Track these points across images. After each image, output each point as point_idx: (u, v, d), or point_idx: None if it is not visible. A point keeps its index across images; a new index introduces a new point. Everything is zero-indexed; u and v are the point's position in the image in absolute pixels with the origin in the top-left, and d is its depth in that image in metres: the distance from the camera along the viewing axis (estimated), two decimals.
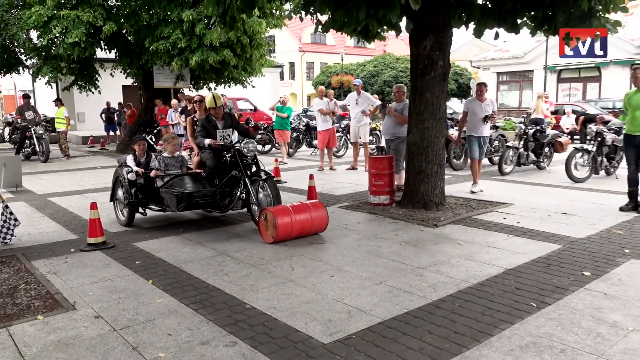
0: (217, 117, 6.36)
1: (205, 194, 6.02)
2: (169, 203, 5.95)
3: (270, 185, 5.85)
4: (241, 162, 5.94)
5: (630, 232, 5.63)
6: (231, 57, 14.39)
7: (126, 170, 6.20)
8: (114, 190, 6.53)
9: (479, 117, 8.11)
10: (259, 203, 5.90)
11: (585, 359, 2.90)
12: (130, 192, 6.08)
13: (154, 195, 6.17)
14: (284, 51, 48.32)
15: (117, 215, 6.52)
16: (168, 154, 6.45)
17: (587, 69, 27.98)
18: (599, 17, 6.18)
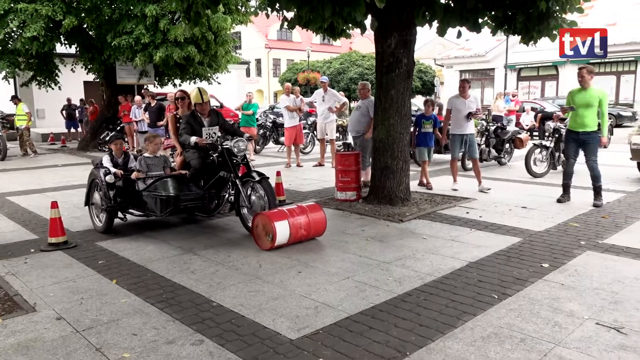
0: (203, 114, 5.96)
1: (193, 197, 5.64)
2: (153, 207, 5.54)
3: (266, 187, 5.46)
4: (231, 162, 5.59)
5: (586, 224, 5.86)
6: (196, 53, 14.21)
7: (103, 172, 5.72)
8: (89, 194, 6.03)
9: (463, 115, 7.98)
10: (251, 206, 5.54)
11: (543, 347, 3.02)
12: (108, 196, 5.59)
13: (135, 199, 5.75)
14: (250, 48, 47.96)
15: (94, 221, 6.01)
16: (150, 154, 5.98)
17: (546, 68, 28.89)
18: (556, 18, 6.38)
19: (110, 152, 6.14)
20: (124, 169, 5.96)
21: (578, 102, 6.79)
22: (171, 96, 12.80)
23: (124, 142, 6.22)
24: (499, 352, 2.96)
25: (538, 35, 6.57)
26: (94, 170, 5.97)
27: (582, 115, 6.77)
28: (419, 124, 8.41)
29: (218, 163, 5.74)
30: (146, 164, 5.86)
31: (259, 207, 5.48)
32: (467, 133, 8.07)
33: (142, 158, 5.93)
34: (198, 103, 5.92)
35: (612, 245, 5.04)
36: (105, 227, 5.79)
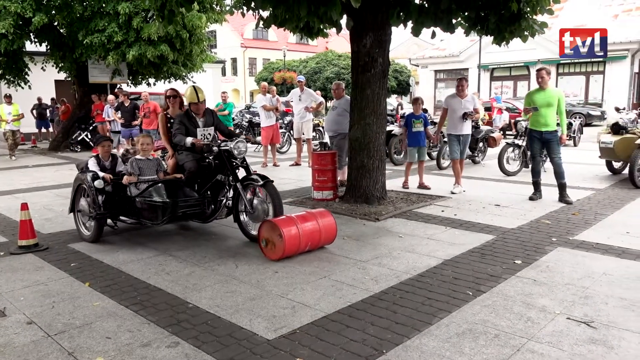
0: (198, 114, 5.59)
1: (192, 203, 5.27)
2: (149, 215, 5.14)
3: (272, 192, 5.10)
4: (230, 165, 5.26)
5: (557, 221, 6.00)
6: (170, 52, 14.05)
7: (91, 177, 5.25)
8: (75, 201, 5.61)
9: (458, 115, 7.74)
10: (253, 212, 5.18)
11: (516, 342, 3.08)
12: (97, 203, 5.16)
13: (127, 206, 5.32)
14: (225, 47, 47.59)
15: (80, 230, 5.56)
16: (141, 156, 5.47)
17: (517, 68, 29.46)
18: (527, 19, 6.51)
19: (96, 155, 5.68)
20: (112, 173, 5.49)
21: (539, 102, 7.02)
22: (145, 95, 12.69)
23: (111, 144, 5.79)
24: (473, 348, 3.01)
25: (510, 36, 6.70)
26: (80, 175, 5.52)
27: (544, 115, 7.00)
28: (409, 124, 8.21)
29: (215, 166, 5.40)
30: (138, 167, 5.37)
31: (261, 213, 5.13)
32: (463, 133, 7.83)
33: (134, 160, 5.42)
34: (193, 102, 5.55)
35: (582, 241, 5.17)
36: (94, 236, 5.36)
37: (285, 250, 4.57)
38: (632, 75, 26.16)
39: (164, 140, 5.87)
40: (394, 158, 11.16)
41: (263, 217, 5.07)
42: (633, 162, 8.01)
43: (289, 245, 4.57)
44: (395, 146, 11.24)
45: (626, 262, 4.52)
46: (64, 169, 11.59)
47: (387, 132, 9.14)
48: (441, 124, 8.28)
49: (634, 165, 7.99)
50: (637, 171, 8.00)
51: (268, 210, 5.13)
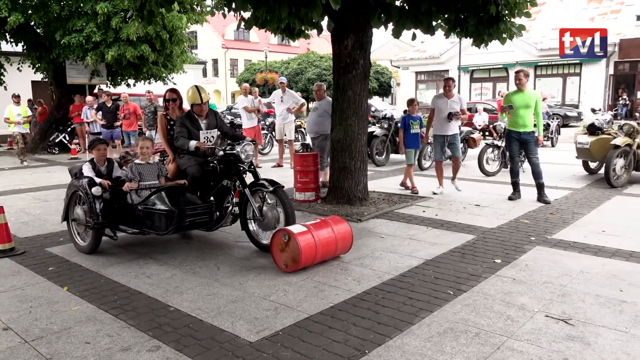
0: (201, 115, 5.32)
1: (201, 211, 4.92)
2: (153, 224, 4.76)
3: (283, 198, 4.81)
4: (237, 170, 4.96)
5: (536, 221, 6.10)
6: (150, 52, 13.90)
7: (87, 183, 4.90)
8: (69, 209, 5.22)
9: (444, 115, 7.66)
10: (263, 219, 4.90)
11: (496, 340, 3.12)
12: (95, 211, 4.79)
13: (127, 214, 4.95)
14: (206, 47, 47.24)
15: (75, 240, 5.18)
16: (141, 161, 5.11)
17: (497, 70, 29.89)
18: (505, 22, 6.62)
19: (91, 160, 5.29)
20: (109, 179, 5.10)
21: (517, 103, 7.15)
22: (125, 96, 12.54)
23: (107, 147, 5.44)
24: (454, 347, 3.04)
25: (489, 38, 6.80)
26: (75, 181, 5.14)
27: (522, 116, 7.14)
28: (406, 125, 8.06)
29: (220, 170, 5.09)
30: (138, 172, 5.00)
31: (272, 221, 4.87)
32: (449, 134, 7.74)
33: (133, 165, 5.05)
34: (196, 103, 5.26)
35: (560, 240, 5.26)
36: (91, 247, 4.98)
37: (301, 261, 4.27)
38: (607, 77, 26.75)
39: (164, 143, 5.55)
40: (376, 159, 11.22)
41: (274, 225, 4.84)
42: (608, 162, 8.18)
43: (305, 257, 4.28)
44: (377, 147, 11.30)
45: (602, 260, 4.62)
46: (40, 172, 11.38)
47: (369, 133, 9.19)
48: (429, 125, 8.16)
49: (609, 165, 8.16)
50: (613, 171, 8.18)
51: (279, 217, 4.85)
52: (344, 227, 4.70)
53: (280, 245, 4.37)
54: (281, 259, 4.38)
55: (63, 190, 8.63)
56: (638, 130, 8.55)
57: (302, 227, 4.42)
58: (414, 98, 8.40)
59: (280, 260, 4.39)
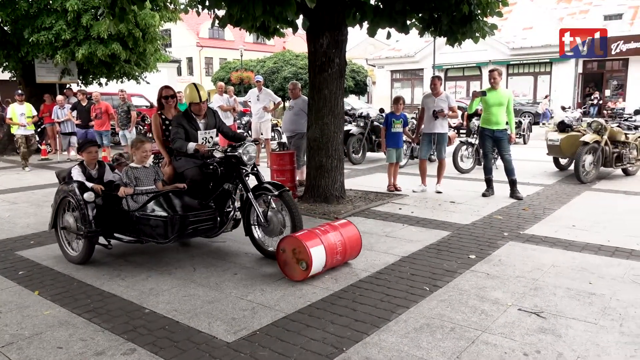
0: (198, 115, 4.99)
1: (205, 217, 4.61)
2: (154, 232, 4.43)
3: (289, 202, 4.59)
4: (239, 173, 4.68)
5: (509, 216, 6.22)
6: (122, 50, 13.65)
7: (78, 188, 4.59)
8: (57, 216, 4.88)
9: (430, 113, 7.70)
10: (268, 224, 4.64)
11: (471, 334, 3.17)
12: (88, 219, 4.48)
13: (122, 221, 4.62)
14: (180, 46, 46.65)
15: (64, 249, 4.84)
16: (137, 164, 4.77)
17: (470, 68, 30.34)
18: (478, 21, 6.72)
19: (80, 163, 4.93)
20: (100, 183, 4.79)
21: (491, 101, 7.28)
22: (96, 95, 12.29)
23: (98, 149, 5.08)
24: (430, 342, 3.08)
25: (462, 37, 6.89)
26: (64, 186, 4.81)
27: (495, 114, 7.28)
28: (389, 124, 8.01)
29: (222, 174, 4.79)
30: (134, 177, 4.67)
31: (278, 226, 4.64)
32: (435, 132, 7.72)
33: (128, 169, 4.71)
34: (194, 102, 4.93)
35: (532, 235, 5.38)
36: (83, 257, 4.65)
37: (310, 269, 4.05)
38: (576, 75, 27.39)
39: (158, 145, 5.19)
40: (352, 157, 11.26)
41: (279, 230, 4.63)
42: (578, 159, 8.39)
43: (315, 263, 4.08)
44: (354, 145, 11.35)
45: (572, 253, 4.74)
46: (10, 173, 11.07)
47: (345, 132, 9.21)
48: (420, 124, 8.10)
49: (579, 161, 8.37)
50: (582, 167, 8.40)
51: (284, 222, 4.64)
52: (353, 233, 4.50)
53: (288, 253, 4.15)
54: (287, 266, 4.18)
55: (33, 193, 8.46)
56: (606, 127, 8.79)
57: (310, 233, 4.22)
58: (400, 96, 8.25)
59: (287, 268, 4.19)
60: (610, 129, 8.87)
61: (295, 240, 4.12)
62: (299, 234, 4.22)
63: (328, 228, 4.39)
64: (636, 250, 4.79)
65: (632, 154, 9.06)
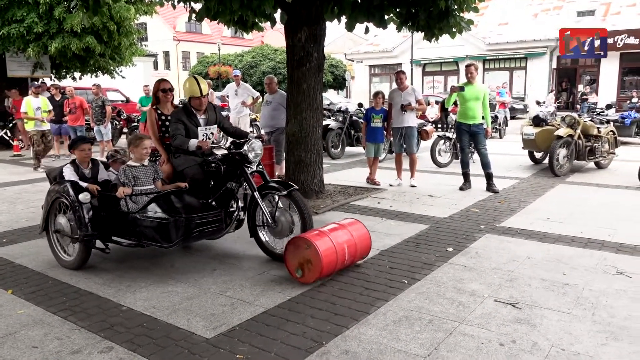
0: (199, 110, 4.75)
1: (212, 219, 4.31)
2: (156, 235, 4.10)
3: (299, 201, 4.36)
4: (244, 171, 4.44)
5: (485, 210, 6.32)
6: (96, 44, 13.39)
7: (72, 188, 4.30)
8: (49, 218, 4.58)
9: (398, 107, 7.72)
10: (276, 225, 4.41)
11: (449, 326, 3.22)
12: (84, 221, 4.19)
13: (120, 223, 4.30)
14: (157, 40, 45.96)
15: (57, 254, 4.52)
16: (135, 162, 4.45)
17: (448, 63, 30.59)
18: (454, 16, 6.77)
19: (73, 161, 4.64)
20: (94, 183, 4.52)
21: (468, 96, 7.39)
22: (70, 90, 12.03)
23: (91, 146, 4.73)
24: (409, 334, 3.12)
25: (439, 33, 6.94)
26: (56, 186, 4.51)
27: (472, 109, 7.39)
28: (368, 119, 8.06)
29: (225, 172, 4.52)
30: (132, 176, 4.35)
31: (286, 227, 4.41)
32: (403, 126, 7.76)
33: (126, 168, 4.40)
34: (195, 97, 4.69)
35: (507, 227, 5.48)
36: (78, 262, 4.35)
37: (323, 270, 3.87)
38: (550, 70, 27.92)
39: (154, 142, 4.89)
40: (331, 152, 11.28)
41: (288, 231, 4.40)
42: (552, 152, 8.56)
43: (326, 268, 3.88)
44: (333, 140, 11.36)
45: (547, 245, 4.84)
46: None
47: (324, 127, 9.21)
48: (389, 120, 8.09)
49: (553, 155, 8.54)
50: (556, 160, 8.57)
51: (293, 222, 4.42)
52: (362, 232, 4.33)
53: (297, 255, 3.95)
54: (295, 268, 3.97)
55: (5, 190, 8.26)
56: (579, 121, 8.98)
57: (320, 233, 4.03)
58: (379, 91, 8.30)
59: (294, 269, 3.99)
60: (583, 123, 9.06)
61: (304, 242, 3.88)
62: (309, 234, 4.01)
63: (338, 228, 4.20)
64: (608, 242, 4.92)
65: (604, 147, 9.29)
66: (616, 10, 27.25)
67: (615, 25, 25.70)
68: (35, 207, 6.91)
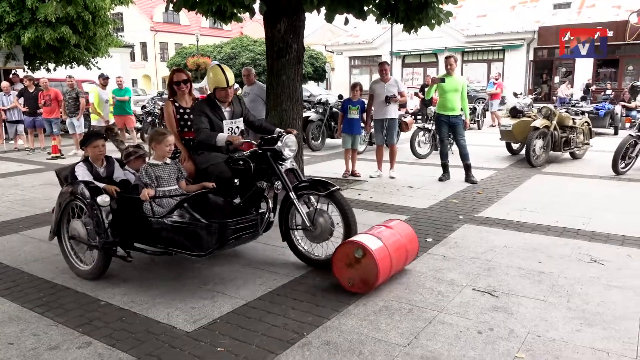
0: (223, 102, 4.40)
1: (248, 224, 3.84)
2: (189, 242, 3.63)
3: (342, 203, 3.96)
4: (279, 169, 4.05)
5: (464, 200, 6.40)
6: (71, 34, 13.11)
7: (89, 190, 3.85)
8: (61, 223, 4.14)
9: (381, 99, 7.70)
10: (314, 229, 4.02)
11: (428, 315, 3.27)
12: (103, 227, 3.78)
13: (143, 228, 3.85)
14: (134, 30, 45.16)
15: (72, 262, 4.09)
16: (157, 160, 3.99)
17: (427, 55, 30.78)
18: (433, 8, 6.79)
19: (85, 159, 4.22)
20: (109, 182, 4.09)
21: (447, 87, 7.44)
22: (44, 82, 11.75)
23: (105, 142, 4.26)
24: (389, 324, 3.15)
25: (418, 24, 6.95)
26: (69, 187, 4.03)
27: (451, 100, 7.46)
28: (345, 110, 8.06)
29: (255, 171, 4.16)
30: (155, 175, 3.91)
31: (326, 232, 4.02)
32: (386, 117, 7.78)
33: (147, 167, 3.94)
34: (220, 87, 4.33)
35: (485, 217, 5.56)
36: (97, 271, 3.93)
37: (379, 279, 3.53)
38: (527, 62, 28.29)
39: (175, 137, 4.37)
40: (312, 144, 11.27)
41: (328, 235, 4.05)
42: (529, 143, 8.70)
43: (382, 277, 3.56)
44: (313, 132, 11.35)
45: (523, 234, 4.94)
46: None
47: (304, 119, 9.19)
48: (369, 111, 8.12)
49: (529, 146, 8.69)
50: (533, 151, 8.72)
51: (333, 225, 4.03)
52: (409, 232, 4.06)
53: (349, 261, 3.59)
54: (347, 276, 3.62)
55: None
56: (555, 112, 9.14)
57: (372, 237, 3.68)
58: (357, 82, 8.30)
59: (346, 278, 3.63)
60: (559, 115, 9.23)
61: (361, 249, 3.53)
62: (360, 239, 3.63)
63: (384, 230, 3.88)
64: (582, 230, 5.04)
65: (579, 138, 9.47)
66: (591, 3, 27.71)
67: (591, 17, 26.17)
68: (9, 202, 6.77)
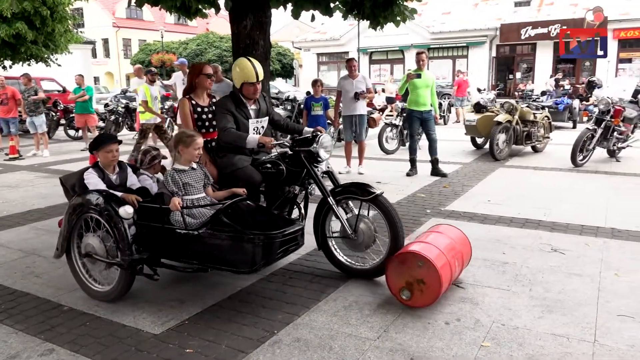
0: (249, 99, 4.00)
1: (294, 235, 3.38)
2: (230, 257, 3.22)
3: (388, 210, 3.64)
4: (314, 173, 3.77)
5: (431, 194, 6.50)
6: (28, 30, 12.65)
7: (109, 200, 3.39)
8: (71, 240, 3.61)
9: (350, 96, 7.70)
10: (356, 237, 3.72)
11: (397, 308, 3.30)
12: (127, 241, 3.30)
13: (170, 243, 3.40)
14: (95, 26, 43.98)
15: (86, 284, 3.60)
16: (183, 165, 3.52)
17: (393, 52, 31.05)
18: (399, 5, 6.85)
19: (95, 165, 3.71)
20: (123, 190, 3.61)
21: (419, 83, 7.53)
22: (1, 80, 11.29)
23: (119, 146, 3.73)
24: (359, 318, 3.17)
25: (384, 21, 7.00)
26: (80, 198, 3.53)
27: (423, 96, 7.57)
28: (308, 107, 8.05)
29: (287, 174, 3.86)
30: (182, 183, 3.46)
31: (370, 239, 3.74)
32: (356, 114, 7.78)
33: (173, 173, 3.48)
34: (248, 82, 3.90)
35: (452, 211, 5.66)
36: (119, 292, 3.47)
37: (441, 290, 3.24)
38: (490, 59, 28.90)
39: None
40: None
41: (371, 243, 3.77)
42: (492, 138, 8.90)
43: (445, 282, 3.28)
44: None
45: (488, 226, 5.05)
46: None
47: None
48: (337, 107, 8.13)
49: (493, 140, 8.88)
50: (496, 145, 8.92)
51: (376, 231, 3.75)
52: (462, 238, 3.81)
53: (404, 274, 3.31)
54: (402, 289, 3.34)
55: None
56: (516, 107, 9.37)
57: (430, 246, 3.40)
58: (317, 79, 8.36)
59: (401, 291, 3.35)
60: (521, 109, 9.47)
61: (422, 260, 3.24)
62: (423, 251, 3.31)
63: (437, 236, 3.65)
64: (543, 221, 5.19)
65: (540, 132, 9.75)
66: (550, 1, 28.51)
67: (550, 15, 26.93)
68: None
